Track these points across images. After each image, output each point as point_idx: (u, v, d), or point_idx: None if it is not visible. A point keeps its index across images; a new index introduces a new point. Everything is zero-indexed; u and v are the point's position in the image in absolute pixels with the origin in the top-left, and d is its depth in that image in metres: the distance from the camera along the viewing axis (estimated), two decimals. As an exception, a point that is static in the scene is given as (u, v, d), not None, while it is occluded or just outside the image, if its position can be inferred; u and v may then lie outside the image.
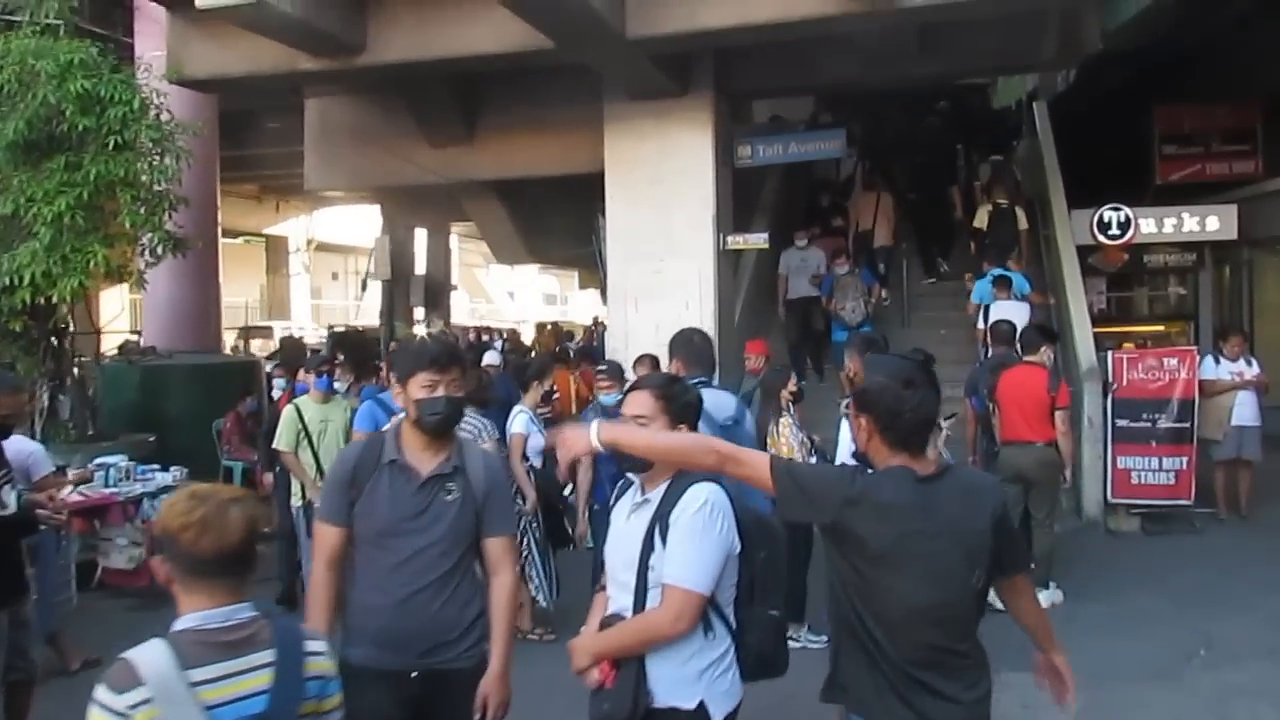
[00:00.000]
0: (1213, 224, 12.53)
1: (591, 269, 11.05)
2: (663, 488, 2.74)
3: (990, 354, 8.86)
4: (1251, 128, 13.19)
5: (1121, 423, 9.00)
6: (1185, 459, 8.81)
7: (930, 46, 9.86)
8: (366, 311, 28.28)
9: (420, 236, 20.49)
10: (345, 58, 9.09)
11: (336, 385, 7.48)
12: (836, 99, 14.80)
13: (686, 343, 4.92)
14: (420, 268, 20.29)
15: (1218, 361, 9.29)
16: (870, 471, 2.61)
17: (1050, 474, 7.06)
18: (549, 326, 21.37)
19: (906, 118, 14.15)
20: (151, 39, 10.64)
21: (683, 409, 2.86)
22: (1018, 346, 7.56)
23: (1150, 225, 12.41)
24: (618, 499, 2.98)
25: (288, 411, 7.02)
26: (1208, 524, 9.01)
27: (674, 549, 2.65)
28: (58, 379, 9.51)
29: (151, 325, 12.09)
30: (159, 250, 8.73)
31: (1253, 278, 13.97)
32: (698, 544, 2.65)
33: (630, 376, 6.19)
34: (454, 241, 31.88)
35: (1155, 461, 8.89)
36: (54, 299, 8.43)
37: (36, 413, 9.34)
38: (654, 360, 7.28)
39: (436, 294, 20.12)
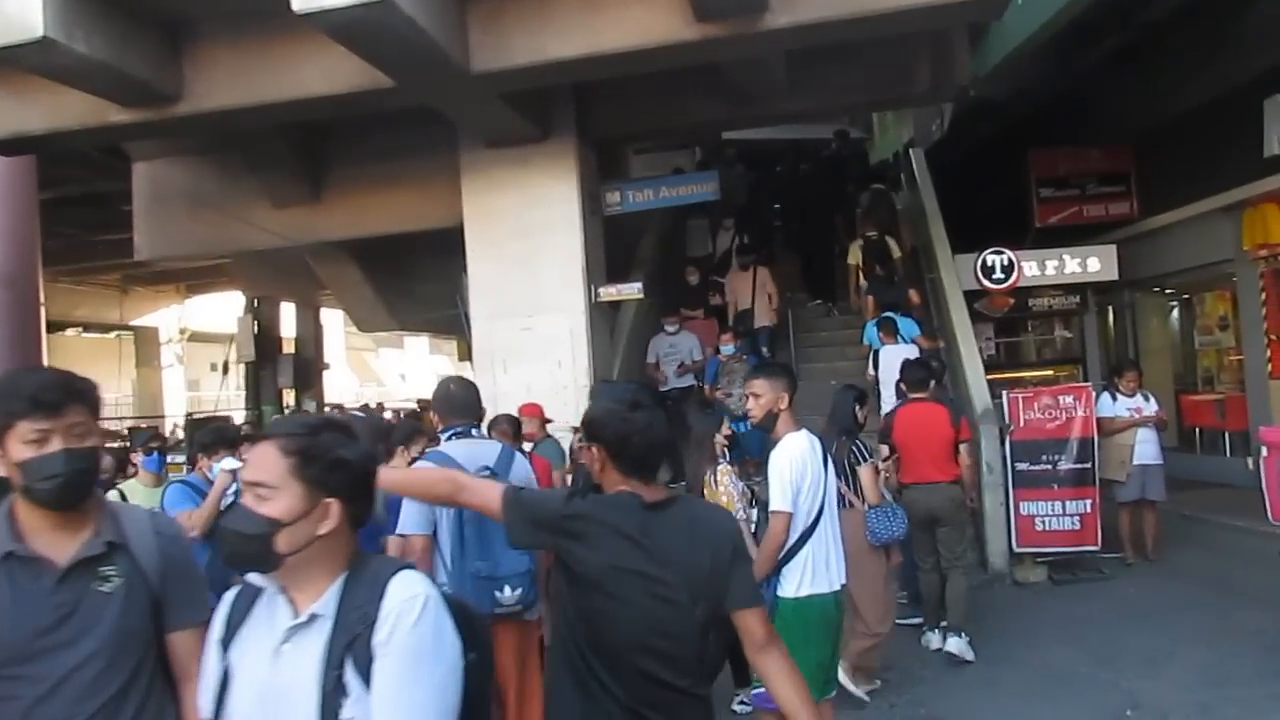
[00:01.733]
0: (1094, 265, 12.39)
1: (459, 332, 10.21)
2: (332, 593, 1.88)
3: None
4: (1126, 170, 13.15)
5: (1021, 466, 8.49)
6: (1089, 502, 8.33)
7: (800, 81, 9.43)
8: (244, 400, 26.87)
9: (288, 315, 19.43)
10: (161, 107, 8.15)
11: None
12: (717, 152, 14.49)
13: (443, 393, 4.49)
14: (289, 347, 19.22)
15: (1114, 399, 8.88)
16: (595, 495, 2.54)
17: (960, 512, 6.85)
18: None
19: (789, 162, 13.95)
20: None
21: (326, 472, 1.89)
22: (900, 386, 7.14)
23: (1033, 268, 12.17)
24: (228, 627, 1.97)
25: (112, 498, 5.90)
26: (1116, 570, 8.52)
27: (392, 695, 1.79)
28: None
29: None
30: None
31: (1136, 318, 13.90)
32: (430, 678, 1.84)
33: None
34: (339, 323, 30.82)
35: (1058, 506, 8.38)
36: None
37: None
38: (512, 420, 6.52)
39: (307, 373, 18.99)
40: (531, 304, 9.62)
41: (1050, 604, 7.82)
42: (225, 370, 21.51)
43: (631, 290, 9.89)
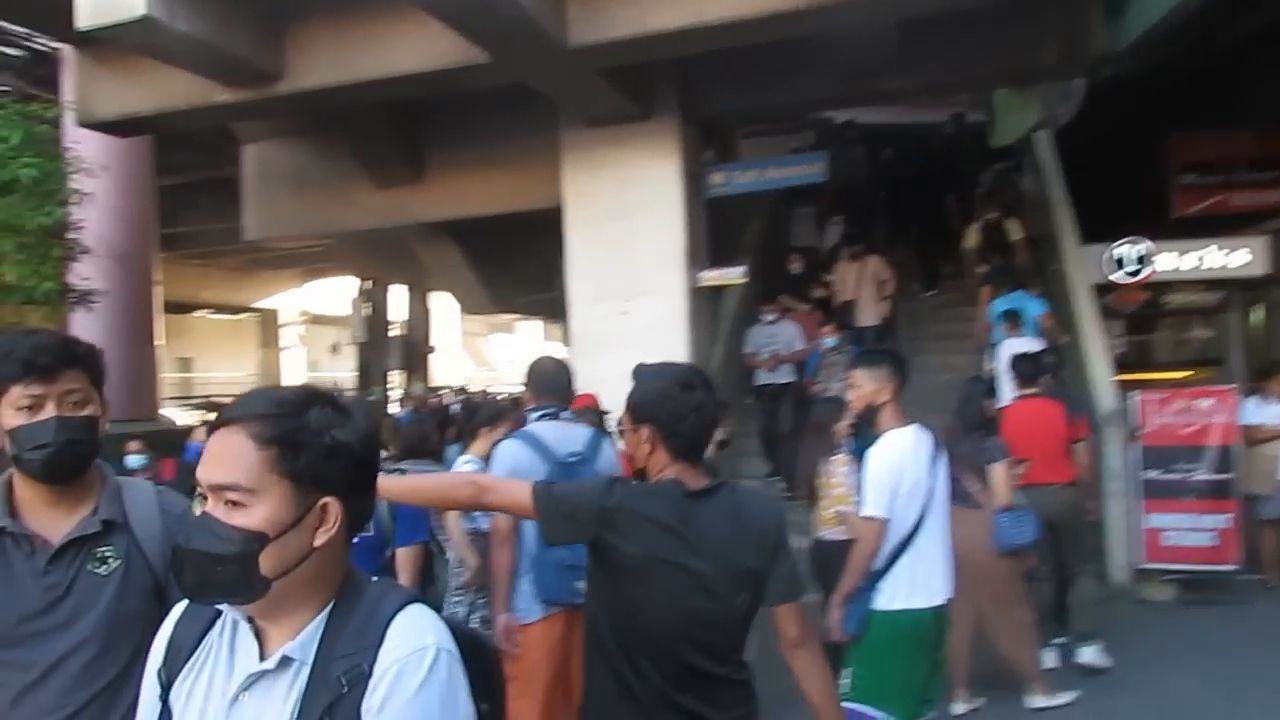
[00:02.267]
0: (1240, 258, 11.38)
1: (560, 316, 10.03)
2: (313, 630, 1.42)
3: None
4: (1279, 155, 12.13)
5: (1151, 474, 7.78)
6: (1228, 516, 7.57)
7: (915, 54, 8.85)
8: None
9: (399, 298, 19.68)
10: (262, 86, 8.15)
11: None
12: (837, 133, 13.92)
13: (537, 371, 4.27)
14: (398, 330, 19.48)
15: (1260, 405, 8.08)
16: (634, 484, 2.48)
17: (1077, 517, 6.30)
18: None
19: (902, 146, 13.26)
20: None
21: (320, 463, 1.40)
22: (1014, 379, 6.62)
23: (1170, 260, 11.29)
24: (170, 656, 1.53)
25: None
26: (1255, 593, 7.71)
27: None
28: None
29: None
30: (53, 304, 7.72)
31: (1287, 317, 12.82)
32: None
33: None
34: (454, 308, 31.27)
35: (1192, 519, 7.63)
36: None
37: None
38: (596, 411, 6.27)
39: (415, 356, 19.21)
40: (630, 288, 9.35)
41: (1179, 626, 7.12)
42: (336, 351, 21.87)
43: (734, 275, 9.51)
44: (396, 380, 19.46)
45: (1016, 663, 5.54)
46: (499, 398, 16.34)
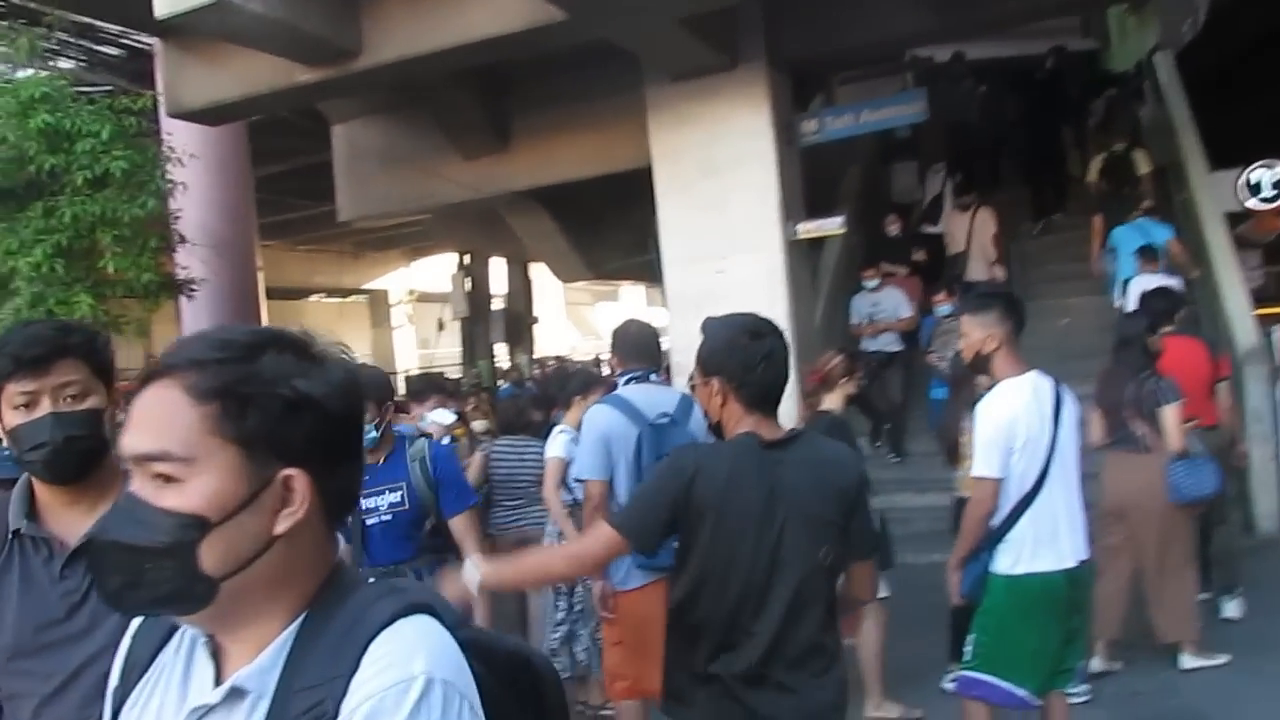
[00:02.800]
0: (1388, 175, 10.46)
1: (657, 279, 9.80)
2: (272, 655, 1.07)
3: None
4: None
5: (1300, 413, 7.19)
6: (1391, 455, 6.95)
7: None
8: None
9: (499, 271, 19.72)
10: (342, 63, 8.06)
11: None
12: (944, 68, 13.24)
13: (623, 334, 4.28)
14: (500, 303, 19.53)
15: None
16: (707, 445, 2.51)
17: (1224, 460, 5.78)
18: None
19: (1006, 81, 12.50)
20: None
21: (276, 423, 1.07)
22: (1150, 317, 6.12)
23: (1311, 183, 10.42)
24: (126, 673, 1.24)
25: None
26: None
27: None
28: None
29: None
30: (154, 295, 7.83)
31: None
32: None
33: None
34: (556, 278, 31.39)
35: (1348, 460, 7.06)
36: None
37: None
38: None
39: (518, 328, 19.23)
40: (724, 245, 9.03)
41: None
42: (440, 328, 22.13)
43: (832, 225, 9.10)
44: (501, 354, 19.55)
45: (1173, 621, 5.13)
46: (587, 365, 16.34)
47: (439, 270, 33.18)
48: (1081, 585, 3.61)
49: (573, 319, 44.45)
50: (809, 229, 9.05)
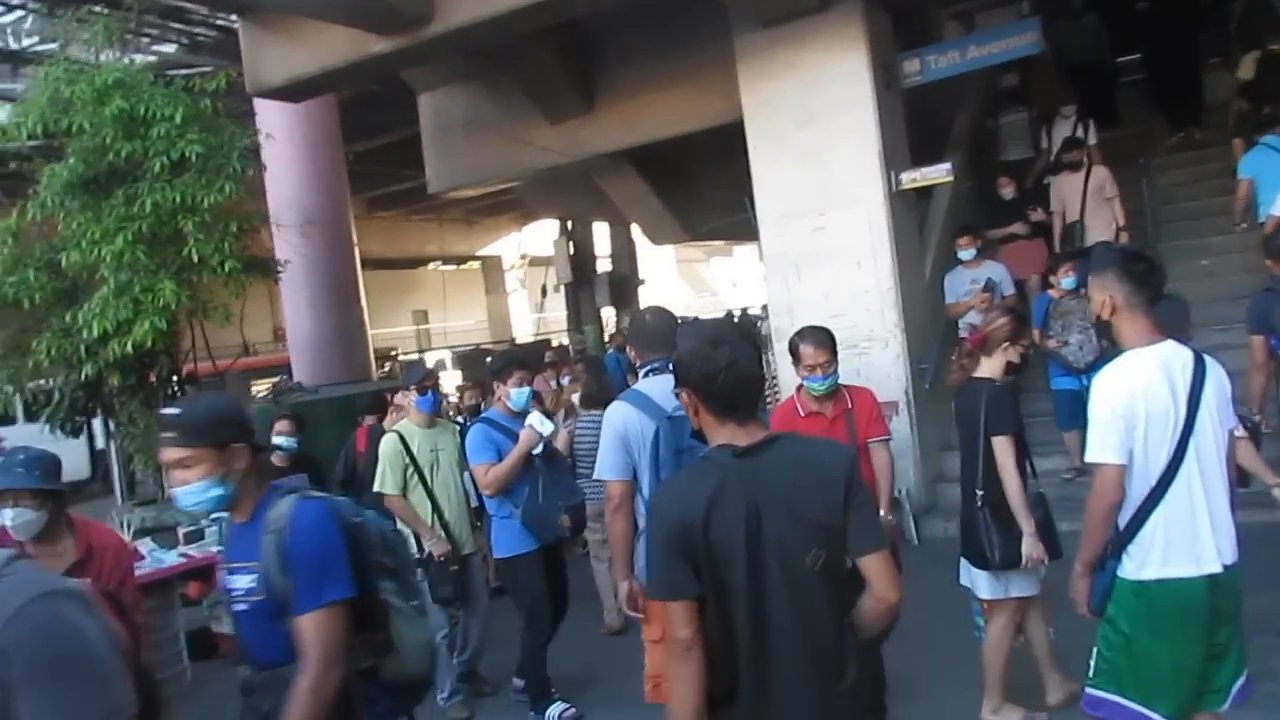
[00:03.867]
0: None
1: (755, 238, 9.32)
2: None
3: None
4: None
5: None
6: None
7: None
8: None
9: (602, 234, 19.46)
10: (414, 30, 7.82)
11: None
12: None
13: (638, 325, 4.11)
14: (605, 266, 19.28)
15: None
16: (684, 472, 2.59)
17: None
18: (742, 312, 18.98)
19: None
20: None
21: None
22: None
23: None
24: None
25: (389, 443, 5.52)
26: None
27: None
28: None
29: (297, 359, 11.48)
30: (236, 279, 7.77)
31: None
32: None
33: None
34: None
35: None
36: (152, 345, 7.64)
37: (160, 466, 8.77)
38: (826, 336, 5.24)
39: (624, 291, 18.95)
40: (823, 199, 8.51)
41: None
42: (544, 294, 22.05)
43: (938, 173, 8.44)
44: (609, 317, 19.34)
45: None
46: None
47: (549, 234, 33.29)
48: (1229, 593, 3.08)
49: (684, 276, 44.00)
50: (913, 178, 8.43)
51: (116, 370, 7.88)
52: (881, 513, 4.02)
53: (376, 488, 5.44)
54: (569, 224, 18.31)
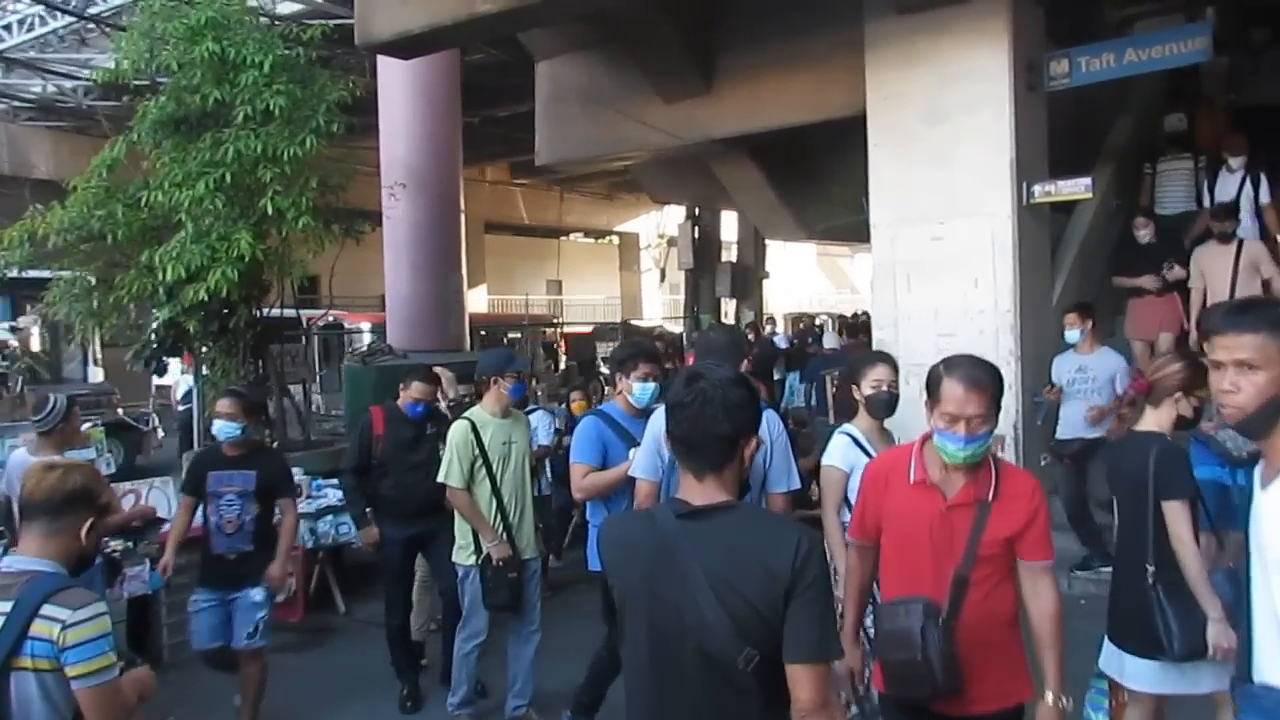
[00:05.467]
0: None
1: (869, 241, 8.63)
2: None
3: None
4: None
5: None
6: None
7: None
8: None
9: (731, 221, 18.87)
10: (520, -9, 7.45)
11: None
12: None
13: (704, 339, 4.47)
14: (731, 255, 18.71)
15: None
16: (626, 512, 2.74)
17: None
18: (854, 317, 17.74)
19: None
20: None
21: None
22: None
23: None
24: None
25: (460, 431, 5.02)
26: None
27: None
28: (260, 380, 8.77)
29: (392, 323, 11.37)
30: (315, 234, 7.58)
31: None
32: None
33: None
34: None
35: None
36: (228, 294, 7.55)
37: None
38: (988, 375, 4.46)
39: (746, 283, 18.33)
40: (944, 206, 7.77)
41: None
42: (662, 277, 21.62)
43: (1076, 189, 7.58)
44: (731, 308, 18.78)
45: None
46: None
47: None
48: None
49: (825, 269, 42.86)
50: (1047, 191, 7.60)
51: (194, 315, 7.84)
52: (1048, 696, 2.74)
53: (441, 477, 4.99)
54: (697, 209, 17.79)
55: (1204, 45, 7.11)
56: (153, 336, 8.62)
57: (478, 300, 32.03)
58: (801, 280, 39.80)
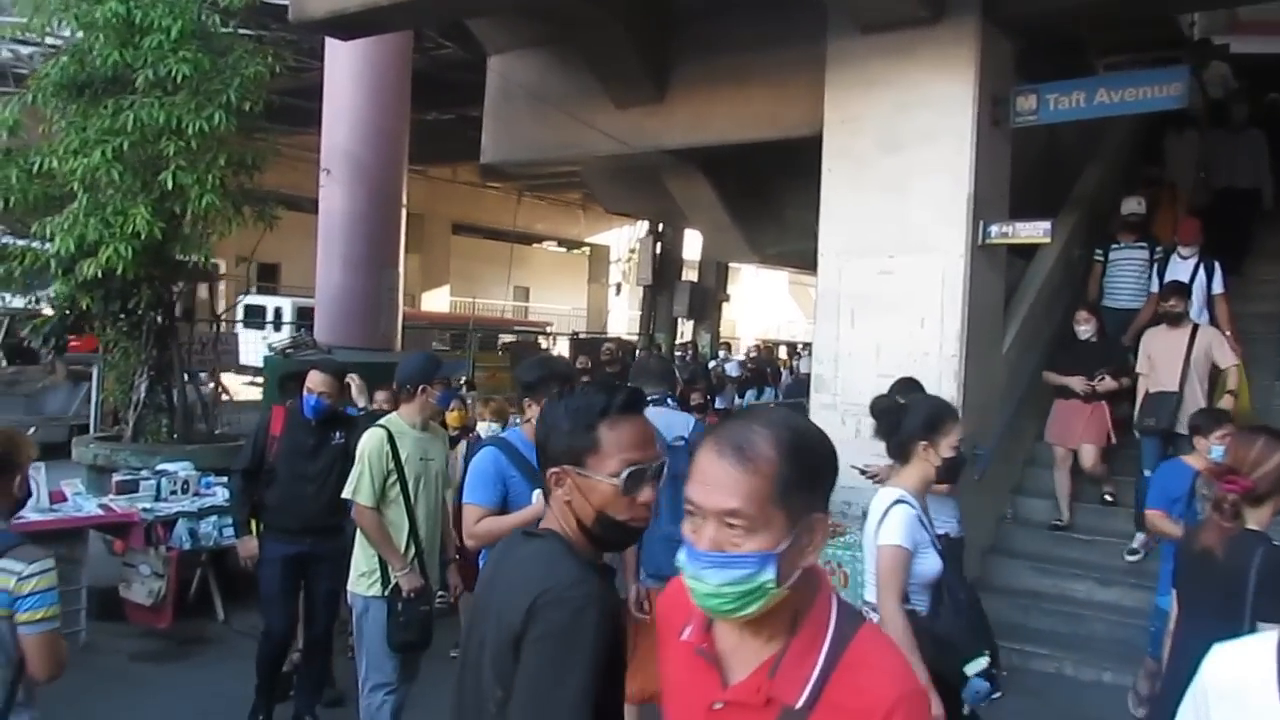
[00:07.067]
0: None
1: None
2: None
3: None
4: None
5: None
6: None
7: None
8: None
9: (695, 242, 18.40)
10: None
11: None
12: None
13: (642, 363, 5.06)
14: (693, 275, 18.21)
15: None
16: None
17: None
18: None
19: None
20: None
21: None
22: None
23: None
24: None
25: (374, 440, 4.40)
26: None
27: None
28: (160, 368, 8.21)
29: (321, 315, 10.81)
30: (224, 217, 7.04)
31: None
32: None
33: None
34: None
35: None
36: (124, 272, 6.98)
37: (131, 405, 8.17)
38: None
39: (705, 304, 17.85)
40: (896, 239, 7.34)
41: None
42: (617, 291, 21.19)
43: (1034, 232, 7.15)
44: (685, 329, 18.29)
45: None
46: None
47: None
48: None
49: (796, 297, 42.51)
50: (1004, 232, 7.17)
51: (89, 292, 7.28)
52: None
53: (349, 493, 4.38)
54: (660, 225, 17.31)
55: (1180, 91, 6.71)
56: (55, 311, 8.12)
57: (439, 301, 31.49)
58: (772, 307, 39.44)
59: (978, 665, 3.13)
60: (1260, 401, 7.45)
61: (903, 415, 3.48)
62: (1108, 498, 7.71)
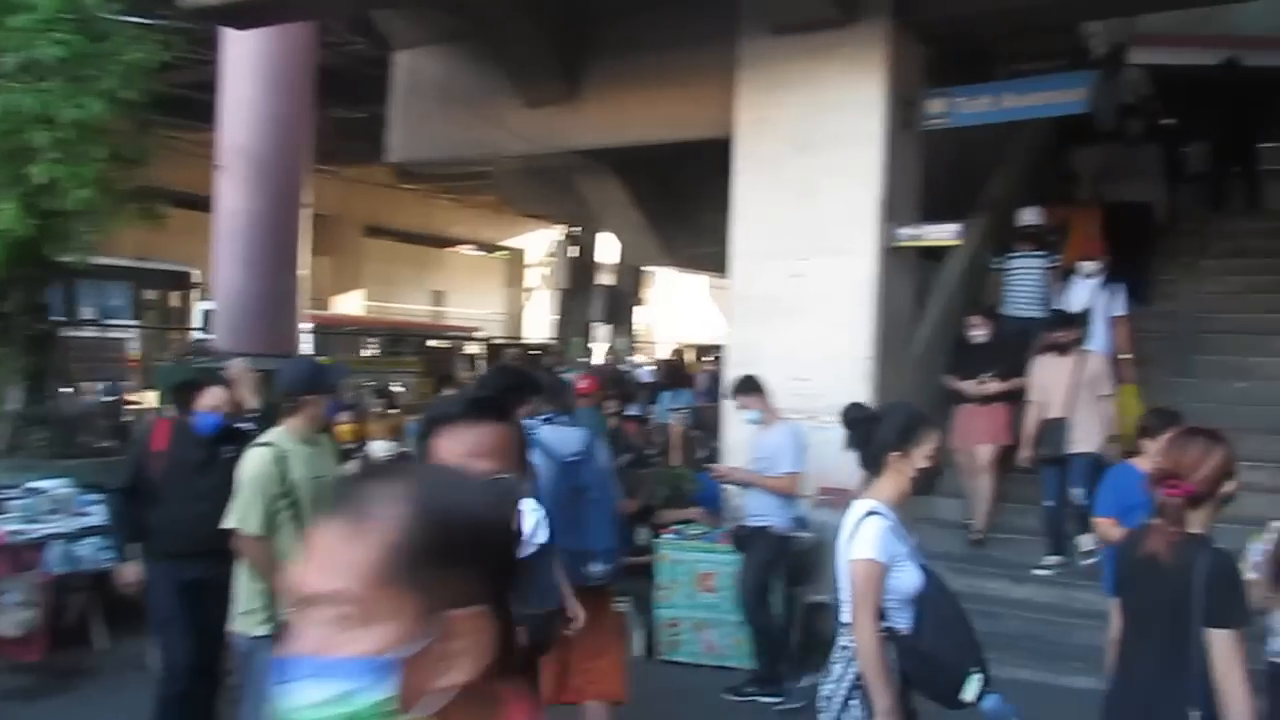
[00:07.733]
0: None
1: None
2: None
3: None
4: None
5: None
6: None
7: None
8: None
9: (612, 246, 18.23)
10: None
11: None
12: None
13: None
14: (607, 278, 18.03)
15: None
16: None
17: None
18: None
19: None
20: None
21: None
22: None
23: None
24: None
25: (260, 460, 3.99)
26: None
27: None
28: (36, 375, 7.72)
29: (221, 320, 10.32)
30: (105, 216, 6.62)
31: None
32: None
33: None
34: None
35: None
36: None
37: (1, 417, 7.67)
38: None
39: (620, 308, 17.69)
40: (808, 242, 7.27)
41: None
42: (528, 295, 20.92)
43: (944, 234, 7.18)
44: (601, 334, 18.08)
45: None
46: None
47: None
48: None
49: (720, 302, 42.38)
50: (913, 235, 7.16)
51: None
52: None
53: (234, 523, 3.94)
54: (579, 228, 17.09)
55: (1080, 96, 6.75)
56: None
57: (353, 306, 30.72)
58: (693, 311, 39.35)
59: (973, 687, 2.98)
60: (1160, 398, 7.55)
61: (874, 425, 3.30)
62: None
